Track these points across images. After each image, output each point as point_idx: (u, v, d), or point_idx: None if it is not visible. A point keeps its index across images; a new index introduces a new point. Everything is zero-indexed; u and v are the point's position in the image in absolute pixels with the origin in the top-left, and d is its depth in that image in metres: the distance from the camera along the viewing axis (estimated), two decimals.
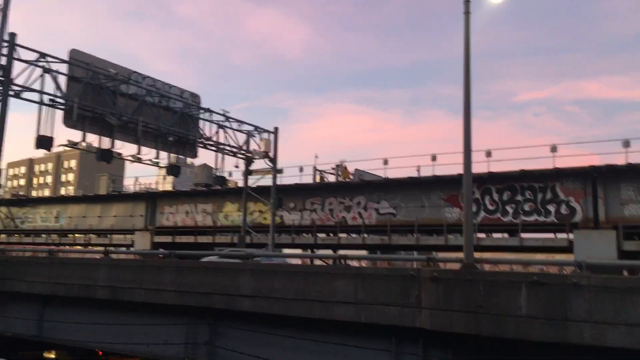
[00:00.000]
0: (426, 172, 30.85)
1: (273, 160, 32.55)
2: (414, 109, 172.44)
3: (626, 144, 24.98)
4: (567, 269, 17.74)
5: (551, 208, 26.66)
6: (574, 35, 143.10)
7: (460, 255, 13.62)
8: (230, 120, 31.36)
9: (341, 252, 30.22)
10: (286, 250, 38.88)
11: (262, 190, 33.53)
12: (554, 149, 26.39)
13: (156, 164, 29.38)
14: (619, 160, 24.87)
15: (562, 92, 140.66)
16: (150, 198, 43.14)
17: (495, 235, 29.49)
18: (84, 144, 26.02)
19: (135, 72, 28.05)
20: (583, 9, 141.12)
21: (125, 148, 27.33)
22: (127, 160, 27.89)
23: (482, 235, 29.11)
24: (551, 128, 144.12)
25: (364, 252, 36.48)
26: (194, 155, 31.08)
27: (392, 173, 32.54)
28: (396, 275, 13.46)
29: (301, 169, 35.86)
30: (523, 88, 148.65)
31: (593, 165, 25.15)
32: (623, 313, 10.77)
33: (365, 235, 32.06)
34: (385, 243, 31.20)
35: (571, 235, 25.45)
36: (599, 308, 10.99)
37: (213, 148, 31.25)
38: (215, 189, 37.88)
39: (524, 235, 27.23)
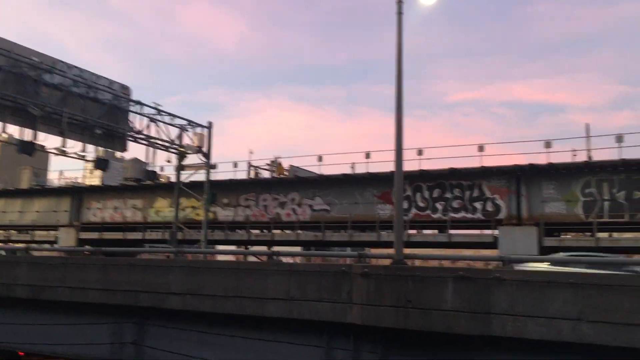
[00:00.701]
0: (360, 169, 31.33)
1: (207, 155, 32.01)
2: (349, 107, 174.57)
3: (548, 144, 26.26)
4: (491, 263, 18.44)
5: (478, 205, 27.65)
6: (502, 39, 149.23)
7: (392, 251, 13.88)
8: (162, 113, 30.58)
9: (275, 248, 30.17)
10: (219, 247, 38.47)
11: (195, 186, 32.94)
12: (481, 148, 27.39)
13: (82, 158, 28.23)
14: (541, 159, 26.14)
15: (491, 93, 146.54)
16: (76, 193, 41.45)
17: (426, 231, 30.29)
18: (4, 135, 24.64)
19: (60, 61, 26.81)
20: (510, 14, 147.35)
21: (49, 140, 26.12)
22: (51, 153, 26.67)
23: (413, 231, 29.84)
24: (480, 128, 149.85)
25: (298, 249, 36.60)
26: (124, 149, 30.09)
27: (327, 170, 32.89)
28: (328, 272, 13.54)
29: (235, 165, 35.53)
30: (454, 89, 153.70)
31: (517, 165, 26.28)
32: (542, 306, 11.31)
33: (300, 231, 32.14)
34: (319, 239, 31.39)
35: (496, 232, 26.51)
36: (520, 301, 11.49)
37: (144, 142, 30.36)
38: (145, 184, 36.89)
39: (452, 231, 28.12)
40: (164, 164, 34.14)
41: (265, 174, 38.96)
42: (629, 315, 10.58)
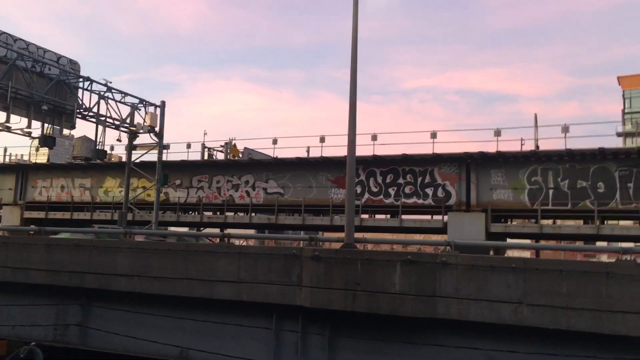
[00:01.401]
0: (315, 153, 31.31)
1: (159, 135, 31.34)
2: (307, 90, 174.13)
3: (497, 133, 26.85)
4: (440, 248, 18.87)
5: (429, 191, 28.12)
6: (458, 28, 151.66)
7: (344, 235, 14.00)
8: (113, 91, 29.67)
9: (227, 231, 29.94)
10: (171, 228, 37.87)
11: (147, 166, 32.23)
12: (434, 135, 27.76)
13: (28, 134, 27.19)
14: (492, 147, 26.69)
15: (446, 81, 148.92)
16: (21, 170, 39.95)
17: (378, 216, 30.63)
18: None
19: (4, 32, 25.63)
20: (467, 4, 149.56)
21: None
22: None
23: (365, 216, 30.13)
24: (435, 115, 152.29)
25: (251, 231, 36.43)
26: (72, 127, 29.11)
27: (282, 153, 32.85)
28: (279, 255, 13.57)
29: (189, 146, 34.89)
30: (411, 75, 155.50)
31: (468, 152, 26.77)
32: (485, 290, 11.68)
33: (253, 214, 32.00)
34: (272, 222, 31.33)
35: (446, 217, 27.04)
36: (464, 285, 11.82)
37: (93, 120, 29.44)
38: (95, 163, 35.86)
39: (404, 216, 28.54)
40: (114, 143, 33.22)
41: (220, 156, 38.48)
42: (568, 299, 11.04)
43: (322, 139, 30.35)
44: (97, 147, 29.97)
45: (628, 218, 25.21)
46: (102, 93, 29.26)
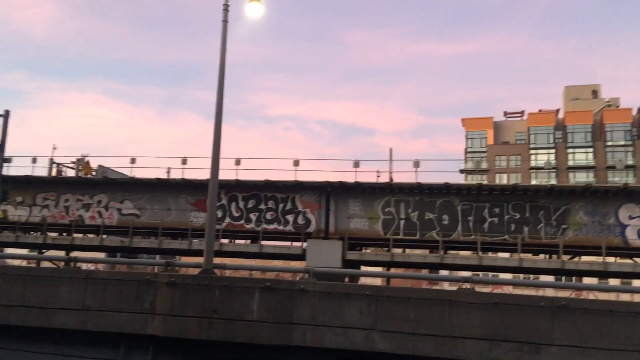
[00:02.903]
0: (176, 175, 30.36)
1: (0, 147, 28.46)
2: (169, 109, 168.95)
3: (356, 164, 28.13)
4: (298, 275, 19.07)
5: (290, 218, 28.51)
6: (322, 60, 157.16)
7: (203, 260, 13.60)
8: None
9: (74, 254, 27.78)
10: (8, 250, 34.29)
11: None
12: (296, 163, 28.33)
13: None
14: (350, 177, 27.91)
15: (309, 110, 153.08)
16: None
17: (238, 241, 30.34)
18: None
19: None
20: (330, 38, 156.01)
21: None
22: None
23: (225, 240, 29.68)
24: (298, 143, 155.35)
25: (102, 255, 34.17)
26: None
27: (141, 173, 31.21)
28: (131, 280, 12.84)
29: (34, 160, 32.09)
30: (276, 102, 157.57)
31: (328, 181, 27.65)
32: (340, 316, 11.97)
33: (104, 236, 30.08)
34: (126, 245, 29.69)
35: (305, 244, 27.53)
36: (321, 312, 12.02)
37: None
38: None
39: (264, 242, 28.56)
40: None
41: (70, 173, 35.85)
42: (414, 325, 11.66)
43: (184, 161, 29.63)
44: None
45: (467, 249, 27.47)
46: None
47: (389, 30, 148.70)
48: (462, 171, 66.43)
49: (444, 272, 33.82)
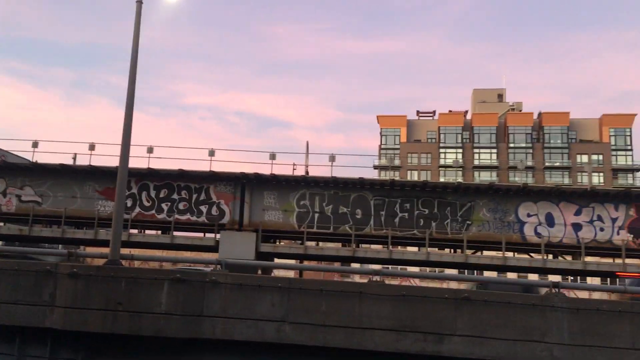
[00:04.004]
0: (83, 161, 28.86)
1: None
2: (77, 93, 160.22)
3: (272, 156, 27.99)
4: (210, 266, 18.76)
5: (204, 209, 27.95)
6: (241, 51, 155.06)
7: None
8: None
9: None
10: None
11: None
12: (211, 153, 27.80)
13: None
14: (266, 170, 27.73)
15: (227, 101, 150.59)
16: None
17: (149, 232, 29.39)
18: None
19: None
20: (251, 30, 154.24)
21: None
22: None
23: (135, 231, 28.66)
24: (214, 133, 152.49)
25: None
26: None
27: (44, 158, 29.39)
28: (29, 271, 12.08)
29: None
30: (192, 91, 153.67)
31: (244, 173, 27.35)
32: (252, 308, 11.88)
33: (1, 224, 28.11)
34: (25, 234, 27.91)
35: (218, 236, 27.11)
36: (232, 304, 11.88)
37: None
38: None
39: (176, 233, 27.82)
40: None
41: None
42: (325, 317, 11.80)
43: (92, 147, 28.20)
44: None
45: (379, 243, 28.19)
46: None
47: (309, 25, 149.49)
48: (375, 167, 68.11)
49: (355, 265, 34.52)
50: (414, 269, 31.99)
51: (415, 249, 28.15)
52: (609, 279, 34.99)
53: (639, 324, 11.26)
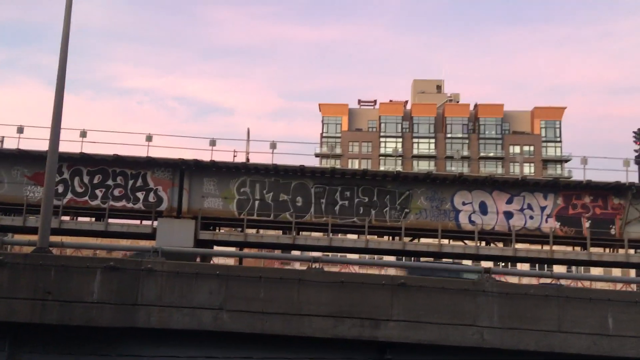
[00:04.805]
0: (11, 145, 27.43)
1: None
2: (5, 73, 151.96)
3: (213, 143, 27.53)
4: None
5: (140, 195, 27.22)
6: (182, 34, 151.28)
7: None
8: None
9: None
10: None
11: None
12: (149, 138, 27.03)
13: None
14: (206, 156, 27.17)
15: (166, 86, 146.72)
16: None
17: (82, 219, 28.40)
18: None
19: None
20: (193, 13, 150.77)
21: None
22: None
23: (66, 218, 27.58)
24: (152, 118, 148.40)
25: None
26: None
27: None
28: None
29: None
30: (130, 75, 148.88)
31: (183, 159, 26.79)
32: (189, 297, 11.70)
33: None
34: None
35: (156, 223, 26.50)
36: (169, 292, 11.65)
37: None
38: None
39: (111, 220, 26.99)
40: None
41: None
42: (264, 304, 11.77)
43: (21, 129, 26.86)
44: None
45: (319, 230, 28.36)
46: None
47: (251, 9, 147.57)
48: (317, 155, 68.39)
49: (296, 253, 34.60)
50: (354, 256, 32.42)
51: (354, 236, 28.49)
52: (537, 265, 36.63)
53: (564, 308, 11.83)
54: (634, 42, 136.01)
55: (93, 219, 27.75)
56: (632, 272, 34.62)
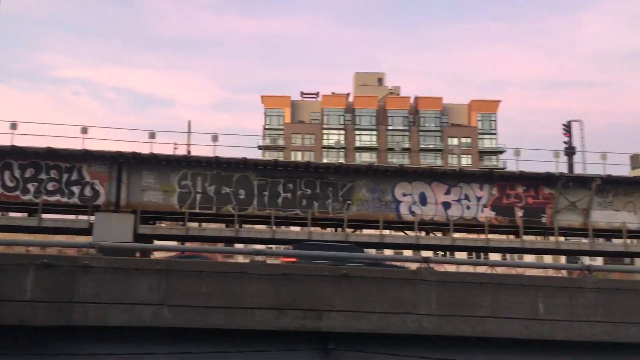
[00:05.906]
0: None
1: None
2: None
3: (152, 135, 26.91)
4: (83, 250, 17.73)
5: (76, 189, 26.33)
6: (120, 23, 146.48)
7: None
8: None
9: None
10: None
11: None
12: (84, 130, 26.17)
13: None
14: (145, 149, 26.54)
15: (103, 76, 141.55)
16: None
17: (13, 214, 27.24)
18: None
19: None
20: (134, 2, 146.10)
21: None
22: None
23: None
24: (89, 109, 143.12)
25: None
26: None
27: None
28: None
29: None
30: (64, 64, 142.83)
31: (120, 152, 26.08)
32: (128, 293, 11.43)
33: None
34: None
35: (92, 218, 25.72)
36: (107, 289, 11.35)
37: None
38: None
39: (45, 215, 26.00)
40: None
41: None
42: (206, 299, 11.65)
43: None
44: None
45: (262, 222, 28.30)
46: None
47: (194, 0, 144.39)
48: (260, 147, 68.01)
49: (239, 246, 34.38)
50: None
51: (298, 228, 28.60)
52: (474, 254, 37.90)
53: (498, 294, 12.31)
54: (566, 38, 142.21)
55: (26, 214, 26.65)
56: (563, 259, 36.31)
